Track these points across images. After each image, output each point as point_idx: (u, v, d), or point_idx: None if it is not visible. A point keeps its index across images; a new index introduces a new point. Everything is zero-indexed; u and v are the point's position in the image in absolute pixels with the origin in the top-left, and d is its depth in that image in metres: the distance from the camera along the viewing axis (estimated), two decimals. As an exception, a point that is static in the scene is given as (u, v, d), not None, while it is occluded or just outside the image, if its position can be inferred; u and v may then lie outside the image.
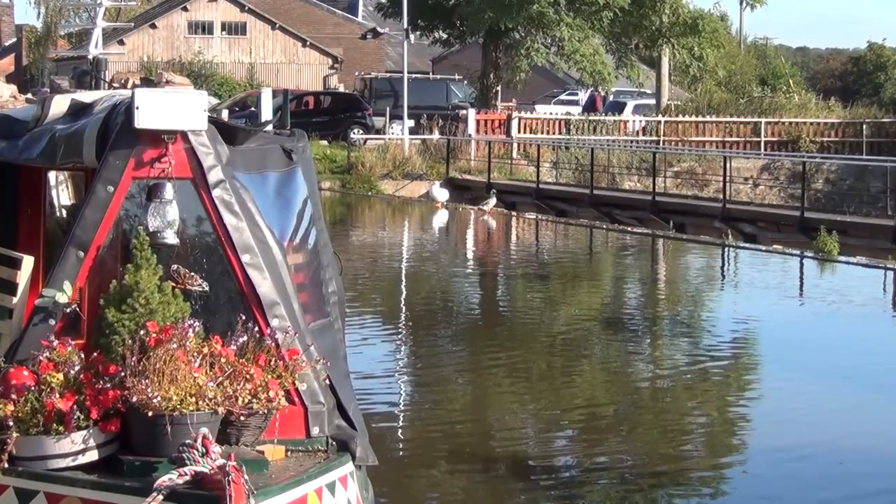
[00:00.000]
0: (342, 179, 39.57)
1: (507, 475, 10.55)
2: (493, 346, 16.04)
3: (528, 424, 12.43)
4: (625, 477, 10.62)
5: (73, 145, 6.47)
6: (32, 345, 5.99)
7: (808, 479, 10.65)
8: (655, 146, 43.82)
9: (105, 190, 6.19)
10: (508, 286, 22.17)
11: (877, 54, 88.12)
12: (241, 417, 5.93)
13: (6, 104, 8.29)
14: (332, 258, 7.57)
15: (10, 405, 5.72)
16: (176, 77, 7.99)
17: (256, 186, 6.73)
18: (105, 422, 5.76)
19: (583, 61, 46.28)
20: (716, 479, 10.78)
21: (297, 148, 7.42)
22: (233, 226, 6.28)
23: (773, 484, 10.37)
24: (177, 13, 65.66)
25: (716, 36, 49.78)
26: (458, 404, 13.01)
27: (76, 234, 6.20)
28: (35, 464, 5.72)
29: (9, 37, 74.80)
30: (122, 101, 6.40)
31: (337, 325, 7.37)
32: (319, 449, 6.32)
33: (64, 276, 6.12)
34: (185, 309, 6.09)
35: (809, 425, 12.35)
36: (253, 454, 5.97)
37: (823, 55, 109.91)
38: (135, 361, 5.76)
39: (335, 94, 53.80)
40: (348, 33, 73.21)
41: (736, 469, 10.99)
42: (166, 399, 5.67)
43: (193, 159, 6.25)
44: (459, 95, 52.96)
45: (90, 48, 8.36)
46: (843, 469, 10.91)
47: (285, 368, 6.12)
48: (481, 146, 41.67)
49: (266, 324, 6.23)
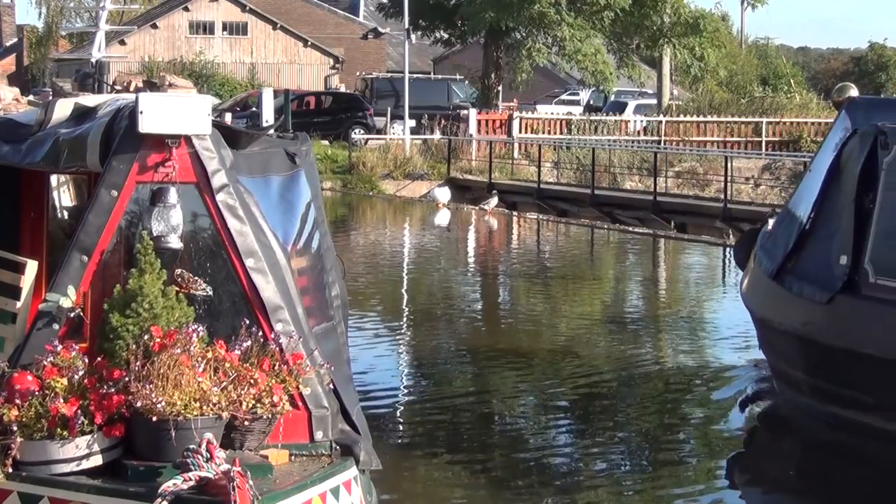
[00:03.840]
0: (343, 179, 39.56)
1: (509, 474, 10.56)
2: (494, 345, 16.03)
3: (529, 424, 12.44)
4: (626, 476, 10.64)
5: (76, 149, 6.48)
6: (36, 349, 6.00)
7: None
8: (657, 146, 43.79)
9: (109, 194, 6.19)
10: (509, 286, 22.16)
11: (878, 54, 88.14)
12: (245, 422, 5.93)
13: (9, 107, 8.30)
14: (335, 261, 7.58)
15: (14, 410, 5.73)
16: (178, 80, 8.01)
17: (260, 190, 6.74)
18: (109, 426, 5.76)
19: (584, 61, 46.29)
20: (716, 478, 10.80)
21: (300, 151, 7.43)
22: (236, 230, 6.29)
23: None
24: (178, 13, 65.66)
25: (717, 36, 49.78)
26: (459, 404, 13.00)
27: (80, 238, 6.20)
28: (39, 469, 5.74)
29: (10, 37, 74.83)
30: (125, 106, 6.40)
31: (340, 329, 7.38)
32: (323, 453, 6.33)
33: (68, 281, 6.13)
34: (189, 313, 6.10)
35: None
36: (257, 459, 5.98)
37: (825, 55, 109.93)
38: (139, 366, 5.77)
39: (336, 94, 53.78)
40: (349, 33, 73.21)
41: (736, 470, 11.01)
42: (170, 404, 5.67)
43: (197, 163, 6.25)
44: (461, 95, 52.93)
45: (93, 51, 8.37)
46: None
47: (289, 373, 6.13)
48: (482, 146, 41.66)
49: (270, 328, 6.24)
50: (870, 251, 11.04)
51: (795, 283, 11.78)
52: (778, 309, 12.17)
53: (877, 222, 11.09)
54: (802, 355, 11.76)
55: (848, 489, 10.45)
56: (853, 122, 11.82)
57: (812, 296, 11.46)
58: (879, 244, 11.01)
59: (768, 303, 12.48)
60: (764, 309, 12.63)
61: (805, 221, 11.97)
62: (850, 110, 12.00)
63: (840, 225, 11.41)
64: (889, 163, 11.15)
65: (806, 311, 11.57)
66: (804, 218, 12.00)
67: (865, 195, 11.25)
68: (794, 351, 11.93)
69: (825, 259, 11.49)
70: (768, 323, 12.51)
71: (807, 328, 11.56)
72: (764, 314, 12.62)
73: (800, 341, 11.70)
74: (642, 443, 11.72)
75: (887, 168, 11.15)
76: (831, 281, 11.24)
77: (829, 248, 11.53)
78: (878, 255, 10.99)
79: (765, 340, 12.98)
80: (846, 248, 11.18)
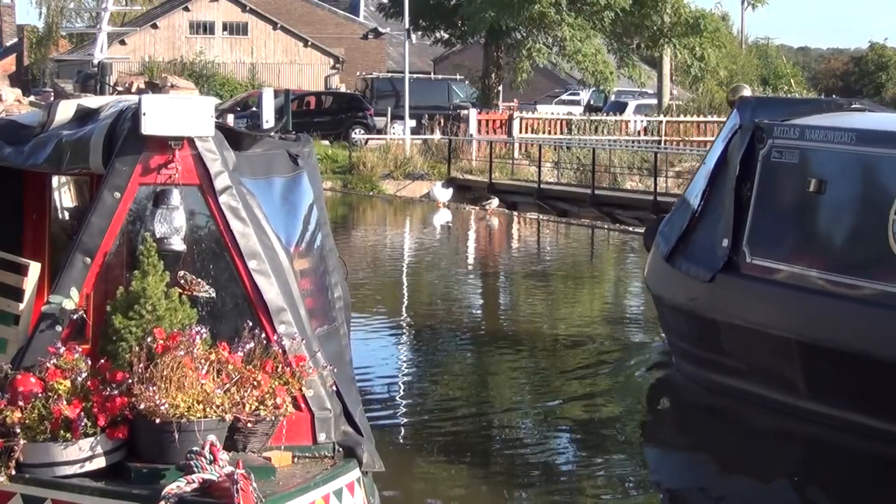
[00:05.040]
0: (343, 179, 39.55)
1: (509, 475, 10.57)
2: (495, 345, 16.04)
3: (529, 423, 12.45)
4: (626, 474, 10.65)
5: (79, 151, 6.48)
6: (39, 351, 6.00)
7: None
8: (657, 146, 43.80)
9: (112, 196, 6.19)
10: (510, 286, 22.16)
11: (878, 54, 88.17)
12: (249, 424, 5.93)
13: (11, 108, 8.31)
14: (338, 263, 7.58)
15: (18, 412, 5.73)
16: (181, 81, 8.02)
17: (263, 192, 6.74)
18: (112, 429, 5.76)
19: (584, 61, 46.28)
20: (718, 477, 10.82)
21: (303, 153, 7.43)
22: (239, 232, 6.29)
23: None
24: (178, 13, 65.67)
25: (717, 36, 49.75)
26: (460, 403, 13.00)
27: (83, 240, 6.20)
28: (42, 471, 5.73)
29: (10, 37, 74.87)
30: (128, 107, 6.40)
31: (342, 331, 7.38)
32: (326, 455, 6.33)
33: (71, 283, 6.12)
34: (192, 315, 6.10)
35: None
36: (260, 461, 5.98)
37: (825, 55, 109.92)
38: (142, 368, 5.77)
39: (337, 94, 53.80)
40: (350, 33, 73.23)
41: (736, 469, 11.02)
42: (174, 406, 5.67)
43: (200, 165, 6.25)
44: (461, 95, 52.93)
45: (95, 53, 8.37)
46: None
47: (292, 375, 6.13)
48: (483, 146, 41.65)
49: (273, 330, 6.24)
50: (747, 234, 12.31)
51: (684, 263, 12.98)
52: (670, 287, 13.43)
53: (753, 209, 12.36)
54: (690, 329, 13.08)
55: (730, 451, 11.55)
56: (741, 119, 12.94)
57: (697, 275, 12.67)
58: (755, 228, 12.30)
59: (662, 282, 13.71)
60: (659, 288, 13.85)
61: (696, 208, 13.11)
62: (740, 108, 13.12)
63: (723, 211, 12.60)
64: (763, 155, 12.44)
65: (692, 289, 12.81)
66: (695, 205, 13.14)
67: (744, 184, 12.47)
68: (683, 325, 13.28)
69: (710, 242, 12.69)
70: (663, 301, 13.78)
71: (692, 304, 12.83)
72: (659, 293, 13.85)
73: (687, 316, 13.02)
74: (643, 442, 11.73)
75: (762, 160, 12.44)
76: (714, 261, 12.49)
77: (714, 232, 12.69)
78: (753, 238, 12.27)
79: (661, 317, 14.21)
80: (727, 231, 12.42)
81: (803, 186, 12.03)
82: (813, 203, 12.00)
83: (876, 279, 11.17)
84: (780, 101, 20.60)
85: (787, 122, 12.52)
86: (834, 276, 11.52)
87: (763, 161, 12.41)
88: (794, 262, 11.91)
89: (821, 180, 11.88)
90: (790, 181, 12.24)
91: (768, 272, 12.04)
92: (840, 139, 11.94)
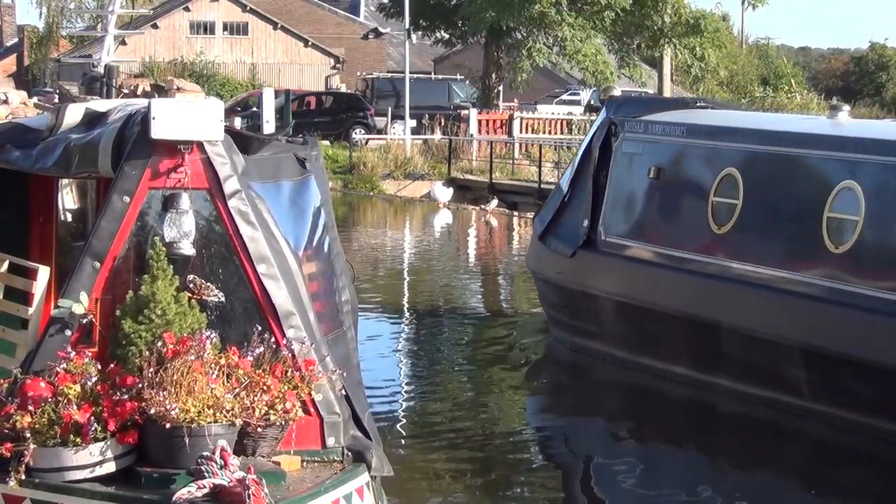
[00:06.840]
0: (344, 179, 39.53)
1: (509, 474, 10.59)
2: (495, 344, 16.07)
3: (529, 424, 12.49)
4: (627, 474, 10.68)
5: (88, 155, 6.47)
6: (49, 356, 5.99)
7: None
8: (657, 146, 43.75)
9: (121, 200, 6.18)
10: (510, 285, 22.16)
11: (878, 54, 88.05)
12: (258, 429, 5.92)
13: (17, 111, 8.30)
14: (346, 266, 7.57)
15: (28, 416, 5.72)
16: (186, 84, 8.00)
17: (271, 196, 6.73)
18: (122, 433, 5.75)
19: (585, 61, 46.22)
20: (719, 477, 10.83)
21: (310, 156, 7.42)
22: (249, 236, 6.28)
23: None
24: (178, 13, 65.63)
25: (717, 36, 49.69)
26: (460, 403, 13.02)
27: (92, 244, 6.19)
28: (52, 475, 5.72)
29: (10, 37, 74.77)
30: (137, 111, 6.38)
31: (350, 334, 7.38)
32: (335, 459, 6.32)
33: (80, 287, 6.11)
34: (202, 319, 6.09)
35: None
36: (270, 466, 5.97)
37: (825, 55, 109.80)
38: (152, 373, 5.76)
39: (337, 94, 53.75)
40: (350, 33, 73.16)
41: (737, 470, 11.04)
42: (184, 411, 5.67)
43: (209, 169, 6.24)
44: (461, 95, 52.90)
45: (102, 56, 8.35)
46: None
47: (301, 379, 6.12)
48: (483, 146, 41.63)
49: (282, 334, 6.23)
50: (602, 216, 14.36)
51: (553, 241, 14.99)
52: (541, 263, 15.57)
53: (608, 194, 14.34)
54: (556, 298, 15.25)
55: (592, 400, 13.61)
56: (606, 115, 14.78)
57: (563, 251, 14.67)
58: (609, 210, 14.35)
59: (536, 259, 15.91)
60: (533, 264, 16.08)
61: (565, 193, 15.08)
62: (607, 105, 15.06)
63: (585, 196, 14.58)
64: (617, 146, 14.40)
65: (557, 263, 14.90)
66: (565, 190, 15.13)
67: (602, 172, 14.46)
68: (551, 295, 15.45)
69: (574, 223, 14.69)
70: (536, 275, 15.91)
71: (558, 276, 14.95)
72: (533, 268, 16.05)
73: (554, 287, 15.17)
74: (644, 441, 11.72)
75: (615, 151, 14.39)
76: (576, 239, 14.52)
77: (577, 214, 14.69)
78: (607, 219, 14.33)
79: (538, 291, 16.29)
80: (587, 213, 14.47)
81: (646, 174, 13.96)
82: (652, 188, 14.03)
83: (699, 253, 13.06)
84: (640, 99, 23.92)
85: (636, 118, 14.40)
86: (668, 250, 13.47)
87: (616, 152, 14.38)
88: (638, 240, 13.95)
89: (658, 168, 13.84)
90: (636, 169, 14.17)
91: (619, 248, 14.09)
92: (674, 133, 13.90)
